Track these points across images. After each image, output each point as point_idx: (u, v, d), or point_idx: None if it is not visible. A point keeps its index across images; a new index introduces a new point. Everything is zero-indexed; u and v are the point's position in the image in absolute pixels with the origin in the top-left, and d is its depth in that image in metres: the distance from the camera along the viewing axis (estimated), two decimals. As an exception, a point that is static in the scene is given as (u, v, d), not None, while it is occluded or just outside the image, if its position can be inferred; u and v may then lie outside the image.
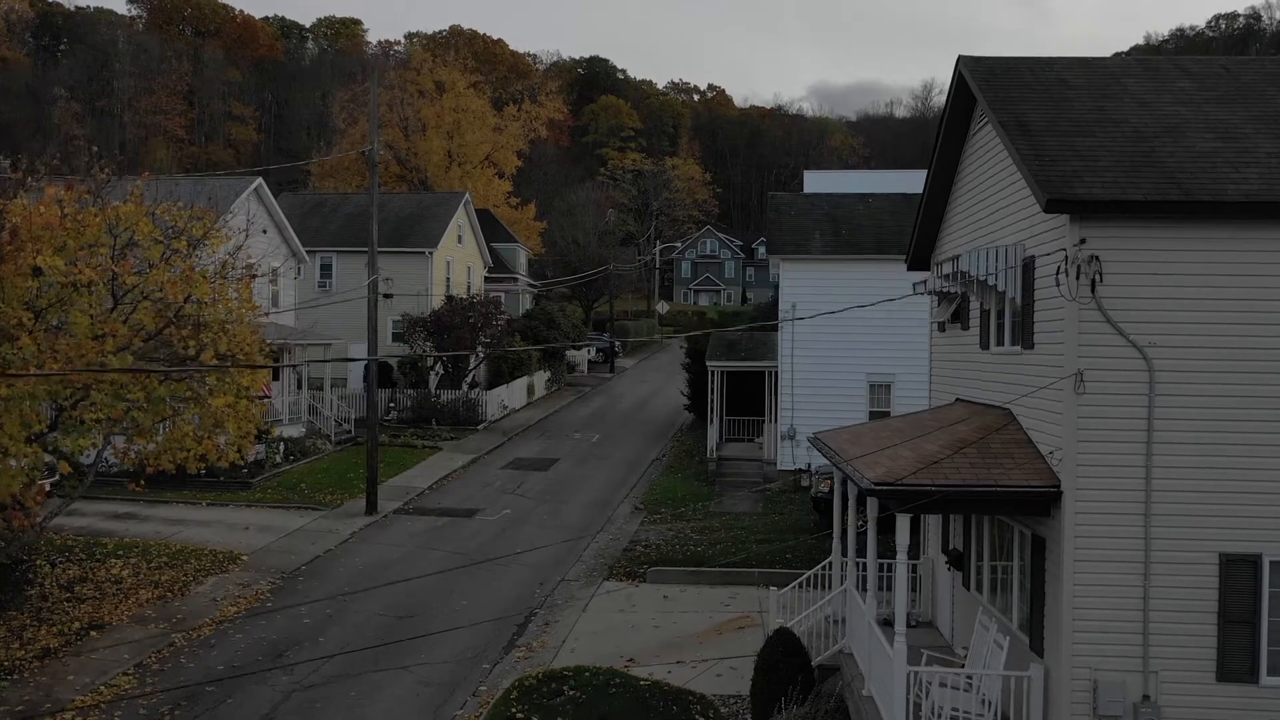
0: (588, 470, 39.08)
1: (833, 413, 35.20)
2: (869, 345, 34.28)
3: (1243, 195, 12.78)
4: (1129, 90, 15.72)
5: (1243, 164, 13.51)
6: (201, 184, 42.69)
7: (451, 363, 48.47)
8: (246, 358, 15.41)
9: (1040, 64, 16.73)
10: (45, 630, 21.54)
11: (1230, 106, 15.16)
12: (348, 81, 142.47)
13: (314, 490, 34.40)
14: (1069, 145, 14.09)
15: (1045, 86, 15.90)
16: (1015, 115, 14.89)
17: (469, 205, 57.39)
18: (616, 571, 26.71)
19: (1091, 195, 12.87)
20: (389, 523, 31.34)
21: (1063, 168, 13.46)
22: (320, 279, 53.23)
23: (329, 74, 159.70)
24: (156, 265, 14.48)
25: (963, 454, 14.23)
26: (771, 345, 37.11)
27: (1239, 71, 16.34)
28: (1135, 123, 14.71)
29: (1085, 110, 15.10)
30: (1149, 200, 12.81)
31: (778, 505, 33.15)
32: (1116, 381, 13.10)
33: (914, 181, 46.16)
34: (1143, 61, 16.84)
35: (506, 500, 34.04)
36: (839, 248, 35.14)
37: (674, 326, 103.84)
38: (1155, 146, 14.02)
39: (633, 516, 32.51)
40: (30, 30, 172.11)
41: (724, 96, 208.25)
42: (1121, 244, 13.06)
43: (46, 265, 12.75)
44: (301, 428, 41.57)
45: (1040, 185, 13.08)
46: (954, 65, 17.11)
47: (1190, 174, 13.32)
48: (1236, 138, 14.24)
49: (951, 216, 19.68)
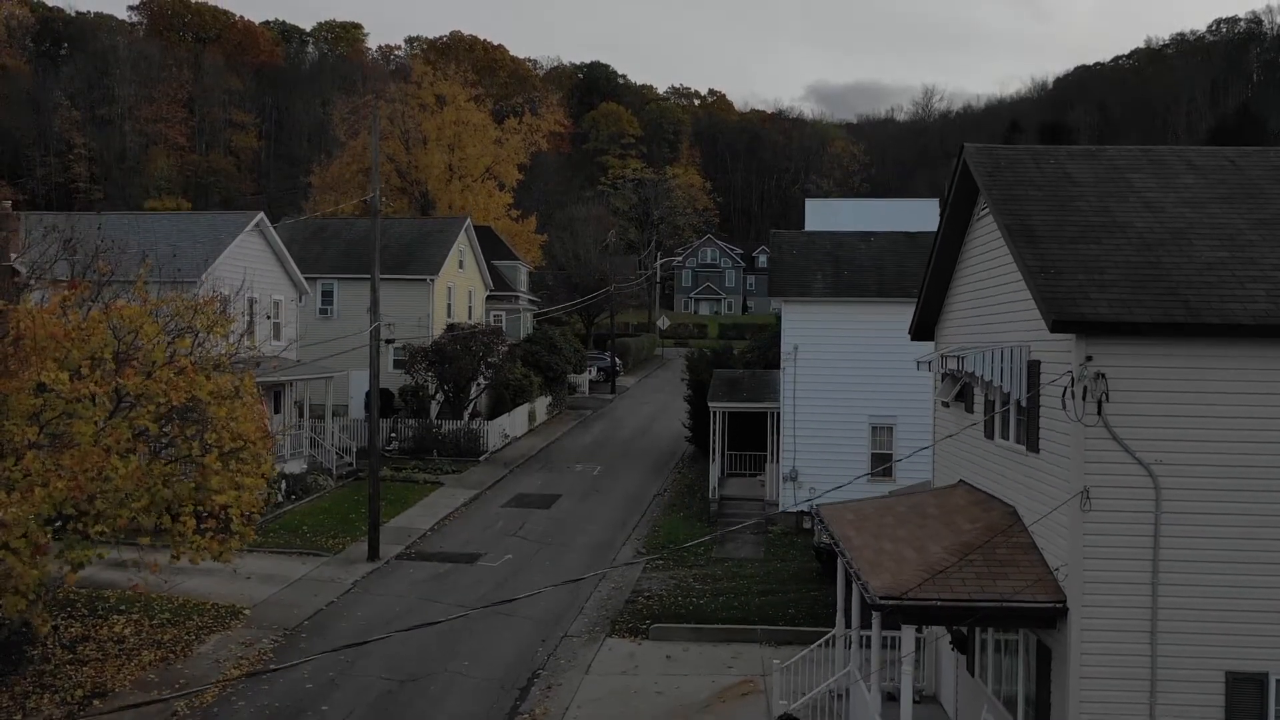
0: (590, 508, 39.06)
1: (835, 455, 35.25)
2: (871, 388, 34.27)
3: (1250, 317, 12.76)
4: (1134, 188, 15.69)
5: (1249, 279, 13.49)
6: (200, 219, 42.72)
7: (453, 391, 48.44)
8: (250, 449, 15.41)
9: (1044, 155, 16.72)
10: (49, 699, 21.49)
11: (1235, 207, 15.13)
12: (348, 87, 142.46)
13: (316, 533, 34.37)
14: (1074, 254, 14.06)
15: (1050, 183, 15.87)
16: (1020, 219, 14.86)
17: (470, 230, 57.39)
18: (619, 627, 26.67)
19: (1098, 315, 12.85)
20: (391, 570, 31.32)
21: (1068, 282, 13.44)
22: (322, 305, 53.28)
23: (329, 80, 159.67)
24: (160, 365, 14.48)
25: (968, 561, 14.21)
26: (774, 385, 37.09)
27: (1244, 164, 16.32)
28: (1141, 227, 14.68)
29: (1090, 212, 15.07)
30: (1155, 322, 12.78)
31: (779, 550, 33.15)
32: (1123, 499, 13.10)
33: (915, 214, 46.18)
34: (1148, 152, 16.80)
35: (508, 544, 34.01)
36: (840, 289, 35.09)
37: (674, 339, 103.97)
38: (1161, 256, 13.99)
39: (635, 561, 32.48)
40: (30, 35, 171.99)
41: (725, 101, 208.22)
42: (1128, 360, 13.06)
43: (51, 381, 12.76)
44: (303, 463, 41.57)
45: (1046, 304, 13.06)
46: (958, 154, 17.09)
47: (1197, 290, 13.30)
48: (1242, 245, 14.22)
49: (955, 292, 19.65)
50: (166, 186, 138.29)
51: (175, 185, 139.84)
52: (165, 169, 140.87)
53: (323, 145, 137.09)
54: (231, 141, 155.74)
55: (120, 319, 14.23)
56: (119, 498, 13.41)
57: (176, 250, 39.30)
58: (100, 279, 15.67)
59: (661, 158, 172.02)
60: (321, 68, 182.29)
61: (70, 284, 15.70)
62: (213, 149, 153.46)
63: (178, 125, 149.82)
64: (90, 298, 15.51)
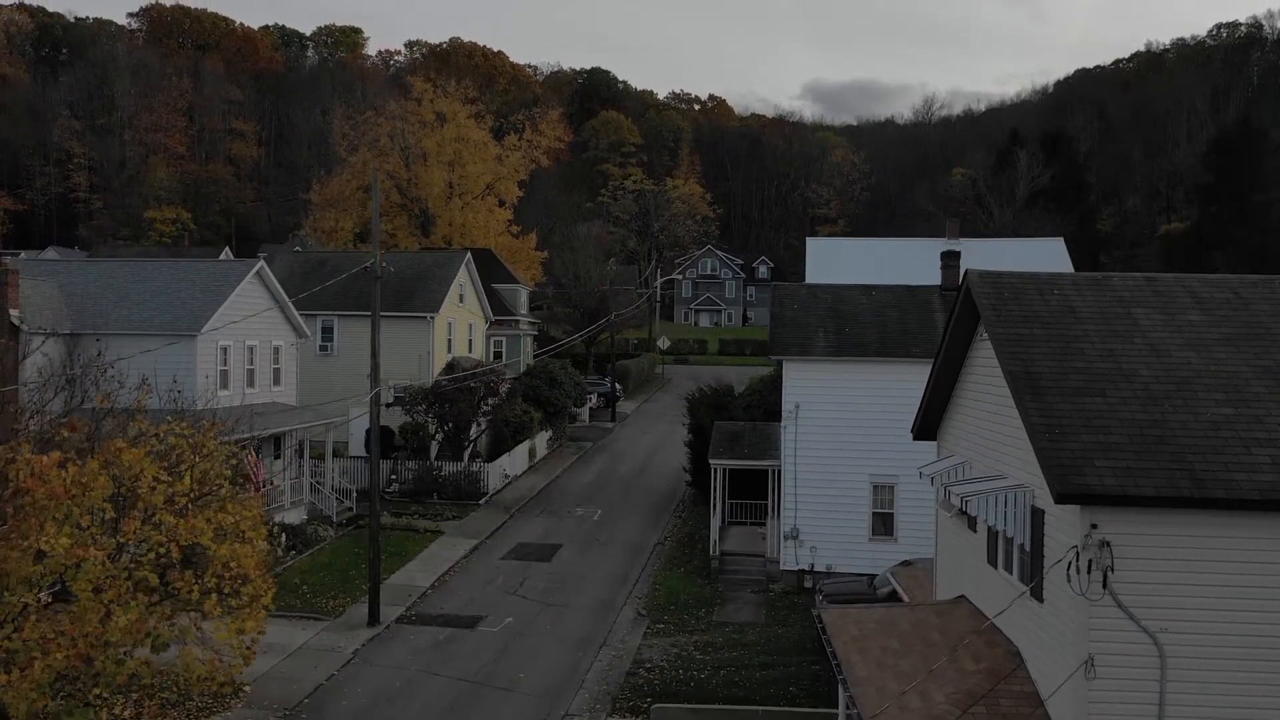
0: (590, 561, 39.02)
1: (836, 513, 35.22)
2: (872, 447, 34.17)
3: (1257, 490, 12.71)
4: (1139, 326, 15.63)
5: (1255, 441, 13.43)
6: (201, 267, 42.66)
7: (453, 431, 48.39)
8: (251, 586, 15.36)
9: (1049, 285, 16.64)
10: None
11: (1240, 351, 15.07)
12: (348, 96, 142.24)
13: (316, 593, 34.32)
14: (1078, 409, 13.99)
15: (1054, 318, 15.79)
16: (1024, 364, 14.80)
17: (470, 264, 57.32)
18: (620, 705, 26.62)
19: (1103, 488, 12.80)
20: (391, 636, 31.26)
21: (1072, 444, 13.36)
22: (322, 342, 53.24)
23: (329, 87, 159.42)
24: (160, 509, 14.43)
25: (972, 715, 14.16)
26: (774, 439, 37.02)
27: (1248, 297, 16.25)
28: (1146, 376, 14.62)
29: (1095, 356, 15.01)
30: (1161, 495, 12.72)
31: (781, 613, 33.11)
32: (1128, 667, 13.05)
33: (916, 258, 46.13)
34: (1152, 282, 16.73)
35: (509, 604, 33.94)
36: (842, 349, 35.01)
37: (675, 355, 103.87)
38: (1167, 413, 13.92)
39: (635, 625, 32.45)
40: (30, 41, 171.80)
41: (725, 107, 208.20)
42: (1134, 528, 13.01)
43: (51, 548, 12.71)
44: (303, 511, 41.56)
45: (1050, 473, 13.00)
46: (962, 278, 17.01)
47: (1202, 454, 13.24)
48: (1248, 399, 14.15)
49: (959, 401, 19.59)
50: (166, 196, 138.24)
51: (175, 195, 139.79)
52: (165, 178, 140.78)
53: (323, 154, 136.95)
54: (231, 150, 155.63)
55: (120, 465, 14.18)
56: (118, 655, 13.36)
57: (176, 301, 39.30)
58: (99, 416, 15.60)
59: (662, 166, 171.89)
60: (321, 72, 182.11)
61: (70, 423, 15.67)
62: (212, 158, 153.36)
63: (177, 134, 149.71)
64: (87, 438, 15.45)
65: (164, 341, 37.80)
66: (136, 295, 39.47)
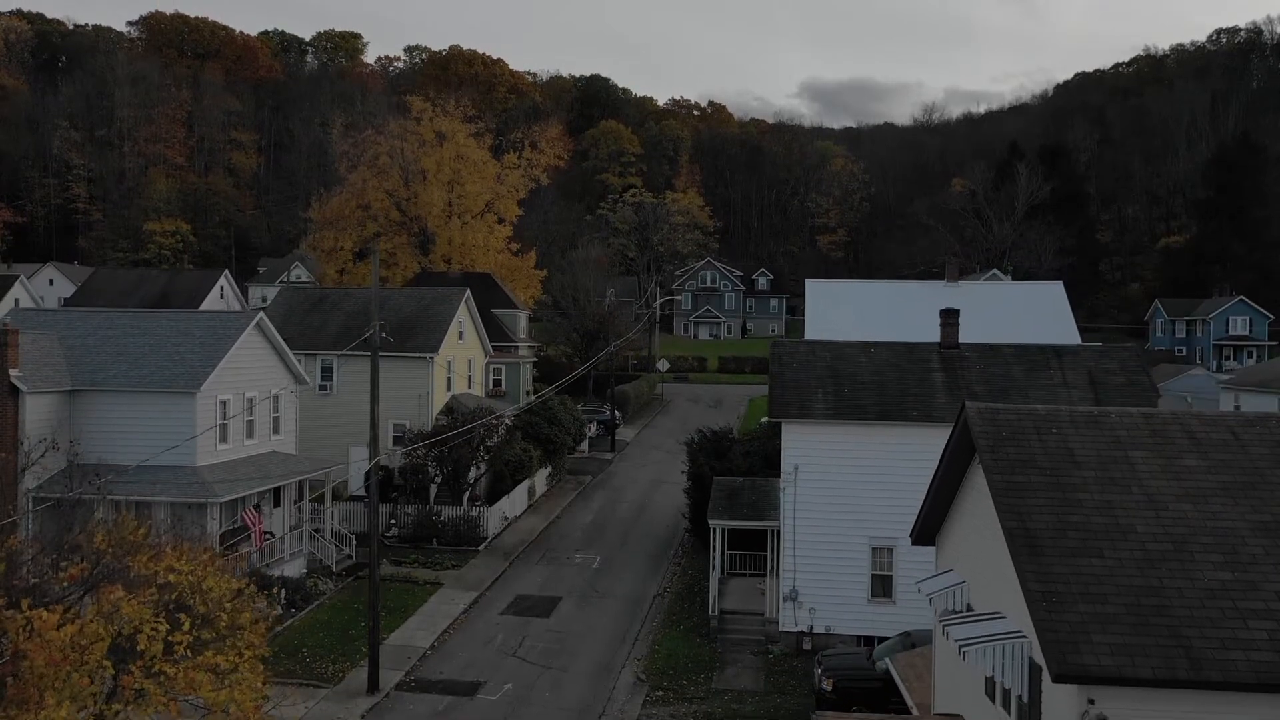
0: (589, 616, 39.07)
1: (835, 575, 35.29)
2: (872, 509, 34.24)
3: (1253, 673, 12.75)
4: (1136, 472, 15.68)
5: (1251, 613, 13.48)
6: (201, 319, 42.65)
7: (452, 475, 48.45)
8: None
9: (1046, 424, 16.68)
10: None
11: (1237, 503, 15.12)
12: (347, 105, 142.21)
13: (315, 655, 34.36)
14: (1076, 572, 14.05)
15: (1051, 463, 15.84)
16: (1021, 519, 14.85)
17: (470, 301, 57.33)
18: (619, 789, 26.73)
19: (1101, 669, 12.86)
20: (390, 706, 31.30)
21: (1070, 617, 13.42)
22: (321, 381, 53.23)
23: (329, 95, 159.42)
24: (159, 660, 14.48)
25: None
26: (773, 497, 37.07)
27: (1246, 439, 16.30)
28: (1143, 532, 14.67)
29: (1093, 508, 15.07)
30: (1158, 678, 12.78)
31: (780, 678, 33.18)
32: (1123, 842, 13.09)
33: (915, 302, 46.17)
34: (1149, 420, 16.77)
35: (508, 668, 33.99)
36: (841, 411, 35.04)
37: (674, 372, 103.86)
38: (1164, 579, 13.97)
39: (634, 691, 32.51)
40: (29, 48, 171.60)
41: (724, 113, 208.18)
42: (1131, 705, 13.05)
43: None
44: (302, 563, 41.62)
45: (1048, 650, 13.05)
46: (959, 411, 17.06)
47: (1199, 629, 13.29)
48: (1245, 562, 14.21)
49: (956, 514, 19.64)
50: (165, 208, 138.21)
51: (174, 206, 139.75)
52: (164, 190, 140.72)
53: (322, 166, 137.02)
54: (230, 160, 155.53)
55: (121, 617, 14.24)
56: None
57: (175, 356, 39.29)
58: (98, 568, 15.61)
59: (661, 175, 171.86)
60: (321, 78, 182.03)
61: (70, 575, 15.71)
62: (212, 169, 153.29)
63: (177, 145, 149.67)
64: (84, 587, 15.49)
65: (163, 400, 37.93)
66: (136, 350, 39.45)
